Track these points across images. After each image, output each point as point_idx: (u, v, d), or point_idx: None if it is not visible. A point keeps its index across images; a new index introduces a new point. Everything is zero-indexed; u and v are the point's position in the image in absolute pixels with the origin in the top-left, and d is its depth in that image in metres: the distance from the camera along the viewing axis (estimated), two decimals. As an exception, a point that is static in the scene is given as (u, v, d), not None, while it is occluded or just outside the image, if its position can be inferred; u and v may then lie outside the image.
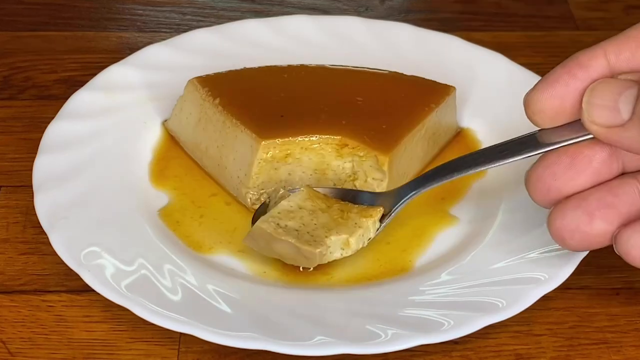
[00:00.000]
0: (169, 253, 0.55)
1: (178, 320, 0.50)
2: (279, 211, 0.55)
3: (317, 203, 0.56)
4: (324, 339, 0.50)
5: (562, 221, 0.50)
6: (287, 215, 0.55)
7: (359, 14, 0.79)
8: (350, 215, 0.56)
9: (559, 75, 0.49)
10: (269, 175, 0.59)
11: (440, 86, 0.64)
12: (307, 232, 0.54)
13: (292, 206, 0.56)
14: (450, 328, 0.51)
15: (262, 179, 0.59)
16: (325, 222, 0.55)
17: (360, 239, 0.56)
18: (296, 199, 0.56)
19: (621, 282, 0.57)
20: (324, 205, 0.56)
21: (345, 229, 0.55)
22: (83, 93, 0.64)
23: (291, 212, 0.55)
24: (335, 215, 0.56)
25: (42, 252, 0.57)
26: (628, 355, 0.53)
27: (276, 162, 0.59)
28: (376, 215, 0.56)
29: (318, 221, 0.55)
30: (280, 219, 0.55)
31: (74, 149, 0.60)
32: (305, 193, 0.57)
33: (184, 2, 0.80)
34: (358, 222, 0.56)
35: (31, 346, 0.52)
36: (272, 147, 0.59)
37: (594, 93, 0.48)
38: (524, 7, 0.80)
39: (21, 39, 0.75)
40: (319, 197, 0.57)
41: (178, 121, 0.63)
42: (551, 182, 0.50)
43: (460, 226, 0.59)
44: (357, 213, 0.56)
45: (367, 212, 0.56)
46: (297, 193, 0.57)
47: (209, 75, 0.63)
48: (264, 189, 0.60)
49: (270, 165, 0.59)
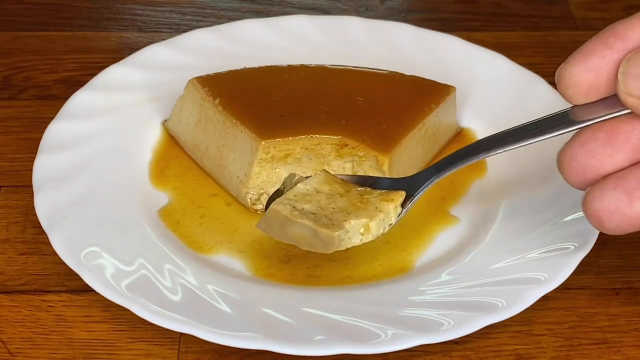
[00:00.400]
0: (169, 253, 0.55)
1: (178, 320, 0.50)
2: (294, 194, 0.53)
3: (334, 187, 0.54)
4: (324, 339, 0.50)
5: (600, 202, 0.47)
6: (304, 199, 0.53)
7: (359, 14, 0.79)
8: (370, 200, 0.53)
9: (594, 46, 0.46)
10: (269, 175, 0.59)
11: (440, 86, 0.64)
12: (324, 215, 0.52)
13: (308, 189, 0.53)
14: (450, 328, 0.51)
15: (262, 179, 0.59)
16: (344, 206, 0.53)
17: (381, 223, 0.53)
18: (313, 183, 0.54)
19: (621, 282, 0.57)
20: (341, 189, 0.54)
21: (365, 213, 0.53)
22: (83, 93, 0.64)
23: (308, 195, 0.53)
24: (354, 200, 0.53)
25: (42, 252, 0.57)
26: (628, 355, 0.53)
27: (276, 162, 0.59)
28: (398, 200, 0.53)
29: (336, 205, 0.53)
30: (297, 201, 0.52)
31: (74, 149, 0.60)
32: (323, 177, 0.54)
33: (184, 2, 0.80)
34: (379, 207, 0.53)
35: (31, 346, 0.52)
36: (272, 147, 0.59)
37: (631, 63, 0.45)
38: (524, 7, 0.80)
39: (21, 39, 0.75)
40: (337, 181, 0.55)
41: (178, 121, 0.63)
42: (587, 160, 0.48)
43: (460, 226, 0.59)
44: (378, 197, 0.53)
45: (388, 196, 0.53)
46: (314, 177, 0.54)
47: (209, 75, 0.63)
48: (263, 189, 0.60)
49: (270, 165, 0.59)
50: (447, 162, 0.53)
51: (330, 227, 0.51)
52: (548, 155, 0.62)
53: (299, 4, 0.80)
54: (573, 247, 0.55)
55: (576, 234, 0.55)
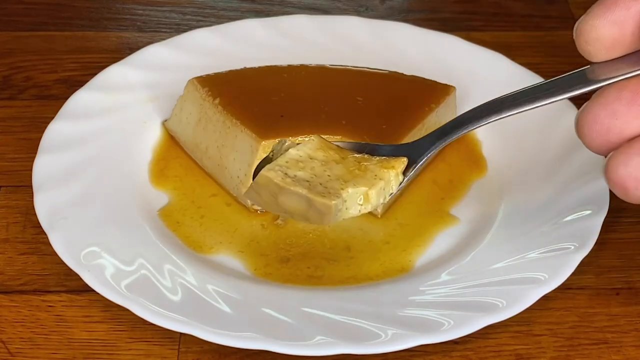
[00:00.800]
0: (169, 253, 0.55)
1: (178, 320, 0.50)
2: (286, 160, 0.49)
3: (329, 154, 0.50)
4: (324, 339, 0.50)
5: (625, 169, 0.43)
6: (296, 165, 0.49)
7: (359, 14, 0.78)
8: (369, 167, 0.49)
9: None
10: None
11: (440, 86, 0.64)
12: (319, 183, 0.48)
13: (301, 155, 0.49)
14: (450, 328, 0.51)
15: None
16: (341, 174, 0.49)
17: (381, 192, 0.49)
18: (306, 148, 0.50)
19: (621, 282, 0.57)
20: (337, 156, 0.50)
21: (364, 181, 0.48)
22: (83, 93, 0.64)
23: (300, 161, 0.49)
24: (352, 167, 0.49)
25: (42, 252, 0.57)
26: (628, 355, 0.53)
27: (276, 162, 0.59)
28: (399, 167, 0.49)
29: (332, 172, 0.49)
30: (289, 168, 0.48)
31: (74, 149, 0.60)
32: (316, 142, 0.50)
33: (184, 2, 0.80)
34: (378, 174, 0.49)
35: (31, 346, 0.52)
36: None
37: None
38: (524, 7, 0.80)
39: (21, 39, 0.75)
40: (332, 147, 0.50)
41: (178, 121, 0.63)
42: (611, 121, 0.43)
43: (460, 226, 0.59)
44: (377, 164, 0.49)
45: (388, 163, 0.49)
46: (307, 142, 0.50)
47: (209, 75, 0.63)
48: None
49: (270, 165, 0.59)
50: (451, 127, 0.49)
51: (326, 196, 0.47)
52: (548, 155, 0.62)
53: (299, 4, 0.80)
54: (573, 247, 0.55)
55: (576, 234, 0.55)
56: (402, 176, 0.50)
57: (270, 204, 0.49)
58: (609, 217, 0.57)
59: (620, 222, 0.60)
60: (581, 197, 0.58)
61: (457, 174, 0.63)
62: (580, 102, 0.45)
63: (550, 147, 0.62)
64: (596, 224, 0.56)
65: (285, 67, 0.64)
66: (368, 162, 0.50)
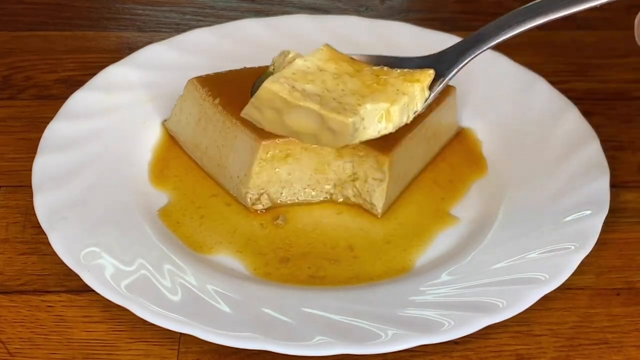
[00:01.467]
0: (169, 253, 0.55)
1: (178, 320, 0.50)
2: (293, 71, 0.42)
3: (342, 65, 0.43)
4: (324, 339, 0.50)
5: None
6: (304, 77, 0.42)
7: (359, 14, 0.78)
8: (389, 80, 0.42)
9: None
10: (269, 175, 0.59)
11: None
12: (332, 98, 0.41)
13: (309, 67, 0.42)
14: (450, 328, 0.51)
15: (263, 179, 0.59)
16: (356, 89, 0.42)
17: (405, 110, 0.43)
18: (314, 59, 0.43)
19: (621, 282, 0.57)
20: (351, 68, 0.43)
21: (384, 96, 0.42)
22: (82, 93, 0.64)
23: (309, 73, 0.42)
24: (369, 81, 0.42)
25: (41, 252, 0.57)
26: (629, 355, 0.53)
27: (276, 162, 0.59)
28: (425, 80, 0.43)
29: (346, 87, 0.42)
30: (296, 80, 0.42)
31: (74, 149, 0.60)
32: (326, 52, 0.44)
33: (183, 2, 0.80)
34: (400, 88, 0.42)
35: (31, 346, 0.52)
36: (272, 147, 0.59)
37: None
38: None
39: (21, 39, 0.75)
40: (344, 59, 0.44)
41: (178, 121, 0.63)
42: None
43: (460, 226, 0.59)
44: (399, 77, 0.42)
45: (412, 76, 0.43)
46: (316, 52, 0.44)
47: (209, 75, 0.62)
48: (264, 189, 0.60)
49: (270, 165, 0.59)
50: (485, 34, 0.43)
51: (341, 113, 0.41)
52: (548, 155, 0.62)
53: (299, 3, 0.80)
54: (573, 247, 0.55)
55: (576, 234, 0.55)
56: (428, 91, 0.44)
57: (274, 123, 0.43)
58: (609, 217, 0.57)
59: (620, 222, 0.60)
60: (581, 197, 0.58)
61: (457, 174, 0.62)
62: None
63: (550, 147, 0.62)
64: (596, 224, 0.56)
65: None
66: (388, 76, 0.44)
